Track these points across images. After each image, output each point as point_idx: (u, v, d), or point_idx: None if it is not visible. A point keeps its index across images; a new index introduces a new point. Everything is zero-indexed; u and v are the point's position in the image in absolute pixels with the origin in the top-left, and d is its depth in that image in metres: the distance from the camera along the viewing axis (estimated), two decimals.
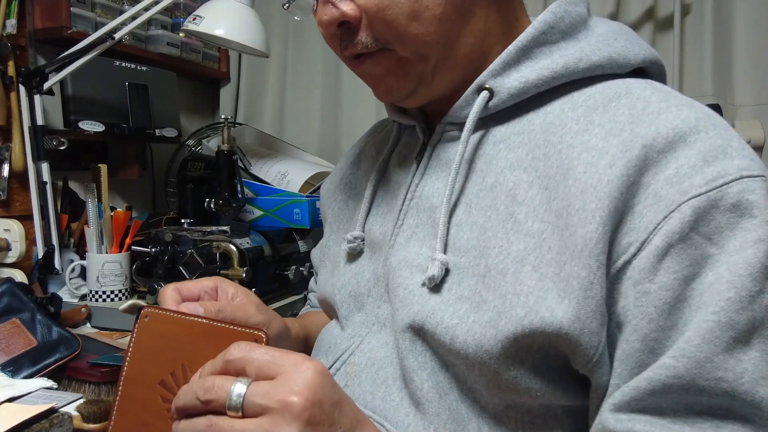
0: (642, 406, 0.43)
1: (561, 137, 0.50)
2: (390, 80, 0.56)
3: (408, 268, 0.55)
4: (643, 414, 0.43)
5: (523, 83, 0.53)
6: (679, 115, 0.47)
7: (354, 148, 0.77)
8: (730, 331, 0.42)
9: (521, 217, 0.50)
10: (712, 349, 0.42)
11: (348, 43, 0.55)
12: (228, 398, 0.42)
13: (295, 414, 0.41)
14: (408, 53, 0.54)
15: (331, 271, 0.68)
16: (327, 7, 0.53)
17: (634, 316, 0.45)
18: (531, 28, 0.54)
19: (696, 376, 0.42)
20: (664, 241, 0.44)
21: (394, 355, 0.56)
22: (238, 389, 0.42)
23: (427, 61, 0.54)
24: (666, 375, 0.42)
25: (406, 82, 0.56)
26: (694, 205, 0.44)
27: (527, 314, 0.46)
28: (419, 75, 0.55)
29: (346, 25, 0.54)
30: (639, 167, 0.45)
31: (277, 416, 0.41)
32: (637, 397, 0.43)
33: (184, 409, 0.45)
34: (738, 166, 0.45)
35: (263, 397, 0.41)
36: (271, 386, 0.42)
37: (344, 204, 0.71)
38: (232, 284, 0.61)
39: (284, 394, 0.41)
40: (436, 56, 0.54)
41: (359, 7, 0.52)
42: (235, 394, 0.42)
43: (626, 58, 0.54)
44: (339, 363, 0.60)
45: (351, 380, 0.58)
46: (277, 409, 0.41)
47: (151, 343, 0.52)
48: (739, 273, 0.42)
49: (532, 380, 0.48)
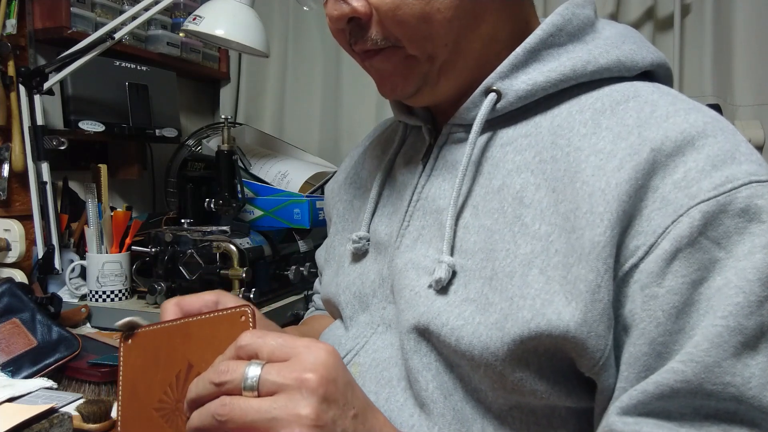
0: (649, 409, 0.43)
1: (569, 140, 0.50)
2: (396, 78, 0.56)
3: (414, 270, 0.55)
4: (650, 417, 0.43)
5: (530, 85, 0.53)
6: (687, 119, 0.47)
7: (358, 147, 0.77)
8: (738, 336, 0.42)
9: (528, 219, 0.50)
10: (721, 354, 0.42)
11: (358, 39, 0.55)
12: (243, 379, 0.42)
13: (311, 389, 0.41)
14: (416, 52, 0.54)
15: (335, 271, 0.68)
16: (338, 3, 0.53)
17: (641, 319, 0.44)
18: (539, 31, 0.54)
19: (704, 380, 0.42)
20: (672, 245, 0.44)
21: (398, 356, 0.56)
22: (253, 371, 0.42)
23: (434, 61, 0.54)
24: (674, 379, 0.42)
25: (411, 81, 0.56)
26: (703, 209, 0.43)
27: (534, 317, 0.46)
28: (425, 75, 0.55)
29: (356, 21, 0.54)
30: (647, 171, 0.45)
31: (294, 392, 0.41)
32: (645, 401, 0.43)
33: (196, 400, 0.44)
34: (746, 170, 0.45)
35: (278, 375, 0.42)
36: (286, 366, 0.42)
37: (349, 204, 0.71)
38: (233, 297, 0.61)
39: (299, 372, 0.42)
40: (443, 58, 0.54)
41: (370, 5, 0.52)
42: (250, 375, 0.42)
43: (634, 61, 0.54)
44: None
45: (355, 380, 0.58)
46: (293, 386, 0.41)
47: (140, 362, 0.51)
48: (747, 278, 0.42)
49: (537, 382, 0.48)
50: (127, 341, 0.52)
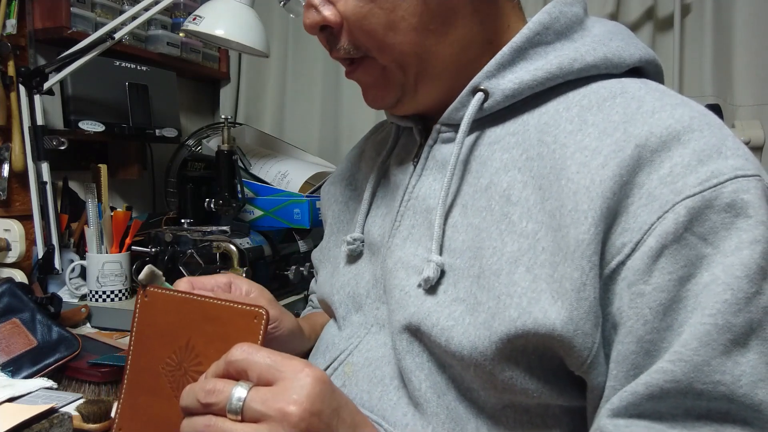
0: (640, 411, 0.43)
1: (555, 137, 0.50)
2: (376, 90, 0.58)
3: (404, 269, 0.55)
4: (641, 419, 0.43)
5: (517, 84, 0.53)
6: (673, 114, 0.47)
7: (354, 149, 0.77)
8: (727, 334, 0.41)
9: (515, 217, 0.50)
10: (710, 353, 0.41)
11: (332, 47, 0.56)
12: (228, 402, 0.43)
13: (292, 424, 0.41)
14: (387, 62, 0.55)
15: (330, 273, 0.68)
16: (310, 11, 0.55)
17: (628, 317, 0.44)
18: (526, 29, 0.54)
19: (694, 379, 0.42)
20: (658, 241, 0.43)
21: (391, 355, 0.56)
22: (239, 393, 0.43)
23: (407, 71, 0.55)
24: (663, 379, 0.42)
25: (390, 92, 0.57)
26: (689, 205, 0.43)
27: (520, 315, 0.46)
28: (401, 85, 0.56)
29: (329, 30, 0.55)
30: (632, 167, 0.45)
31: (275, 425, 0.41)
32: (635, 402, 0.43)
33: (186, 409, 0.45)
34: (732, 165, 0.44)
35: (262, 404, 0.42)
36: (271, 394, 0.43)
37: (344, 206, 0.72)
38: (245, 281, 0.62)
39: (283, 403, 0.42)
40: (415, 66, 0.55)
41: (341, 14, 0.53)
42: (235, 398, 0.42)
43: (621, 58, 0.54)
44: (337, 363, 0.60)
45: (348, 380, 0.58)
46: (275, 418, 0.42)
47: (153, 321, 0.53)
48: (735, 274, 0.42)
49: (527, 381, 0.48)
50: (146, 297, 0.53)
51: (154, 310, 0.53)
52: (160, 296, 0.53)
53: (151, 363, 0.52)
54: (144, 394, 0.53)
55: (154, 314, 0.53)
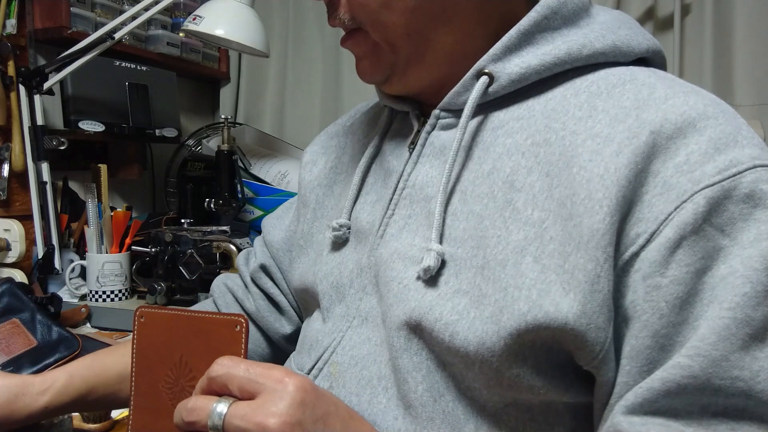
0: (656, 407, 0.42)
1: (563, 123, 0.49)
2: (365, 63, 0.57)
3: (401, 261, 0.53)
4: (656, 416, 0.42)
5: (524, 68, 0.52)
6: (687, 101, 0.46)
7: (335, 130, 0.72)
8: (746, 328, 0.40)
9: (520, 204, 0.48)
10: (728, 347, 0.40)
11: (331, 15, 0.56)
12: (210, 418, 0.43)
13: None
14: (378, 38, 0.54)
15: (313, 260, 0.65)
16: None
17: (644, 311, 0.43)
18: (533, 13, 0.52)
19: (712, 375, 0.41)
20: (676, 232, 0.42)
21: (377, 352, 0.54)
22: (220, 409, 0.43)
23: (397, 51, 0.54)
24: (681, 375, 0.41)
25: (379, 69, 0.56)
26: (708, 195, 0.42)
27: (530, 309, 0.44)
28: (391, 65, 0.55)
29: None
30: (647, 154, 0.44)
31: None
32: (651, 399, 0.42)
33: (178, 427, 0.46)
34: (750, 154, 0.43)
35: (242, 419, 0.42)
36: (250, 408, 0.42)
37: (329, 189, 0.68)
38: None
39: (261, 417, 0.41)
40: (407, 49, 0.54)
41: None
42: (216, 415, 0.42)
43: (630, 47, 0.53)
44: (321, 363, 0.58)
45: (335, 381, 0.56)
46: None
47: (150, 341, 0.54)
48: (754, 267, 0.41)
49: (534, 377, 0.46)
50: (141, 318, 0.55)
51: (150, 329, 0.55)
52: (153, 315, 0.55)
53: (152, 382, 0.54)
54: (149, 414, 0.54)
55: (151, 334, 0.55)
